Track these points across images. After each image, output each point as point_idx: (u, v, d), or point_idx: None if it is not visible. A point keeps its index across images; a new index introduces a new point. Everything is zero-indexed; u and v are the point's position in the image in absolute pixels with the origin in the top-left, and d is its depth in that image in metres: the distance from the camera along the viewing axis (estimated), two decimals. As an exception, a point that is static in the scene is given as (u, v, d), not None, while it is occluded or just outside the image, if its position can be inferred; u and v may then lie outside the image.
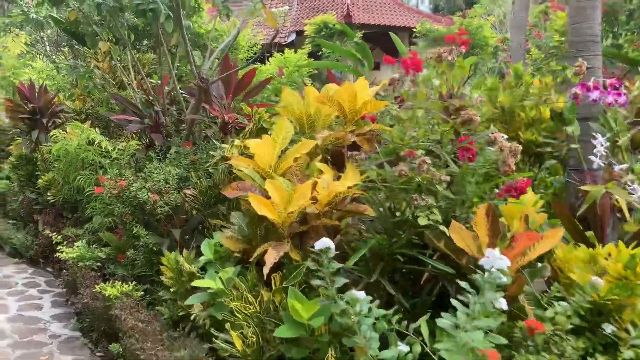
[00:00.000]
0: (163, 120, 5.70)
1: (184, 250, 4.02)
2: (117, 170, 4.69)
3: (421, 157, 2.59)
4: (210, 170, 4.37)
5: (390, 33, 7.61)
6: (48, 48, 9.54)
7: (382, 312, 2.20)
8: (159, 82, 6.04)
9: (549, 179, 4.54)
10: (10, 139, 8.47)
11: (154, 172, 4.55)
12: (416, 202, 2.55)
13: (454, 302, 2.09)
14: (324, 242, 2.28)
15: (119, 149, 5.38)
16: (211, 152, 4.23)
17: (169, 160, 4.96)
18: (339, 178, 2.81)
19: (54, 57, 8.76)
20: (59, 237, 5.91)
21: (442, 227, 2.57)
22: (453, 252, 2.50)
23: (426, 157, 2.63)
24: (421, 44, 16.65)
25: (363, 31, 14.67)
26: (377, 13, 18.68)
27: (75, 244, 5.32)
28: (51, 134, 6.56)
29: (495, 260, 2.08)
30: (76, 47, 8.49)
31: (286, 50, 8.88)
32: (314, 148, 3.23)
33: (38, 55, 11.96)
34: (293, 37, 15.96)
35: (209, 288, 3.09)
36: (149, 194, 4.33)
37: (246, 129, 4.12)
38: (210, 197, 4.32)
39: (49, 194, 6.85)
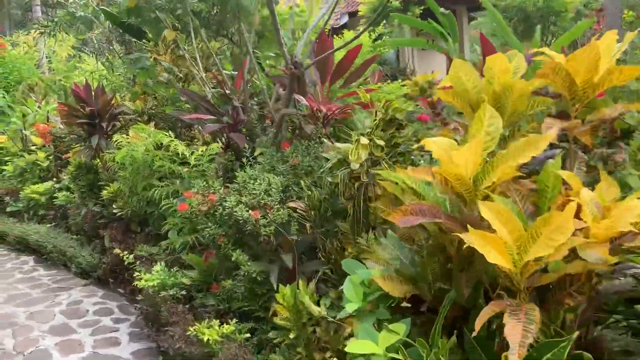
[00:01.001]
0: (244, 117, 4.81)
1: (301, 283, 3.11)
2: (205, 182, 3.81)
3: None
4: (327, 178, 3.44)
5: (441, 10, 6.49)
6: (98, 46, 8.79)
7: None
8: (234, 72, 5.15)
9: None
10: (67, 146, 7.77)
11: (249, 183, 3.65)
12: None
13: None
14: None
15: (198, 154, 4.51)
16: (324, 155, 3.29)
17: (261, 166, 4.06)
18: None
19: (106, 54, 7.99)
20: (131, 256, 5.12)
21: None
22: None
23: None
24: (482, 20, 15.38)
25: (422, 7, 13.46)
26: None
27: (154, 268, 4.50)
28: (113, 139, 5.78)
29: None
30: (129, 41, 7.71)
31: (345, 31, 7.88)
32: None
33: (87, 56, 11.32)
34: (346, 19, 14.87)
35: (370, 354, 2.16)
36: (248, 210, 3.44)
37: (372, 123, 3.16)
38: (324, 211, 3.39)
39: (114, 206, 6.08)
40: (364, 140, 2.96)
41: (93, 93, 6.80)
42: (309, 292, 3.04)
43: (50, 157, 8.68)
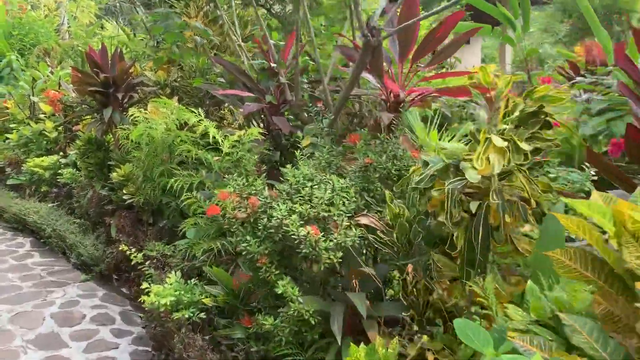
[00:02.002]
0: (291, 97, 3.80)
1: (379, 341, 2.12)
2: (244, 178, 2.81)
3: None
4: (412, 186, 2.42)
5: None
6: (120, 10, 7.80)
7: None
8: (281, 43, 4.13)
9: None
10: (79, 117, 6.81)
11: (305, 184, 2.65)
12: None
13: None
14: None
15: (233, 140, 3.51)
16: (424, 157, 2.28)
17: (316, 161, 3.05)
18: None
19: (128, 19, 7.00)
20: (140, 255, 4.16)
21: None
22: None
23: None
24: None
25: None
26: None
27: (167, 278, 3.53)
28: (129, 113, 4.80)
29: None
30: (155, 4, 6.73)
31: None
32: None
33: (108, 21, 10.35)
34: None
35: None
36: (304, 225, 2.44)
37: (504, 114, 2.14)
38: (413, 236, 2.38)
39: (124, 191, 5.11)
40: (499, 142, 1.95)
41: (110, 59, 5.82)
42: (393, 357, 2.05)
43: (59, 128, 7.73)
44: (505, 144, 1.94)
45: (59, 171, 6.66)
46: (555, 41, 10.82)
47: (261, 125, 4.24)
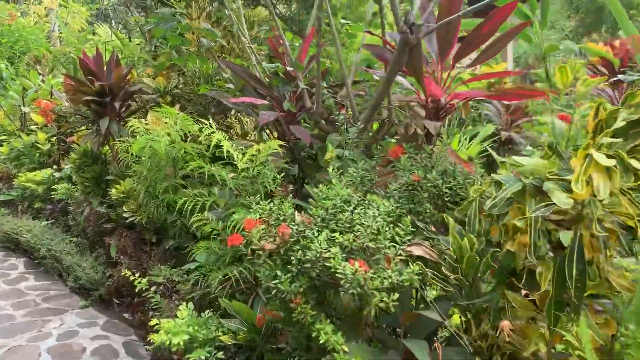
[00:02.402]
0: (309, 104, 3.40)
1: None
2: (272, 203, 2.40)
3: None
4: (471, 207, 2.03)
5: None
6: (113, 13, 7.39)
7: None
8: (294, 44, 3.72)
9: None
10: (73, 127, 6.38)
11: (344, 208, 2.24)
12: None
13: None
14: None
15: (251, 155, 3.09)
16: (495, 177, 1.88)
17: (349, 178, 2.65)
18: None
19: (122, 22, 6.59)
20: (144, 280, 3.75)
21: None
22: None
23: None
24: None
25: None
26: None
27: (178, 313, 3.11)
28: (128, 124, 4.38)
29: None
30: (151, 6, 6.31)
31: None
32: None
33: (100, 26, 9.91)
34: None
35: None
36: (347, 258, 2.04)
37: (609, 127, 1.75)
38: (482, 271, 1.98)
39: (124, 208, 4.69)
40: (604, 160, 1.55)
41: (105, 65, 5.39)
42: None
43: (52, 140, 7.30)
44: (613, 162, 1.55)
45: (53, 186, 6.22)
46: (562, 37, 10.48)
47: (274, 134, 3.84)
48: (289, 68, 3.47)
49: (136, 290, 3.83)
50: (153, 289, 3.81)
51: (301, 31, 5.66)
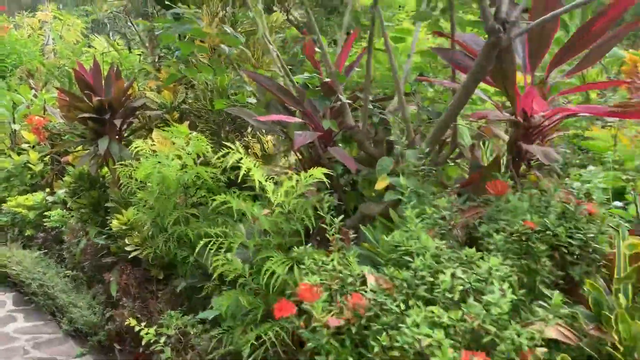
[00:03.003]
0: (351, 121, 2.80)
1: None
2: (333, 260, 1.78)
3: None
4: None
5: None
6: (113, 22, 6.79)
7: None
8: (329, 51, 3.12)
9: None
10: (66, 147, 5.75)
11: (439, 270, 1.63)
12: None
13: None
14: None
15: (290, 186, 2.48)
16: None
17: (423, 223, 2.03)
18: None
19: (123, 31, 6.00)
20: (152, 330, 3.13)
21: None
22: None
23: None
24: None
25: None
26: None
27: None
28: (133, 146, 3.76)
29: None
30: (154, 14, 5.75)
31: None
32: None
33: (96, 38, 9.33)
34: None
35: None
36: (457, 347, 1.43)
37: None
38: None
39: (127, 241, 4.07)
40: None
41: (104, 78, 4.79)
42: None
43: (45, 159, 6.66)
44: None
45: (46, 212, 5.58)
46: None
47: (304, 156, 3.23)
48: (325, 79, 2.87)
49: (142, 339, 3.22)
50: (163, 340, 3.19)
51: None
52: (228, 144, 2.97)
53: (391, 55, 2.58)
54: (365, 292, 1.65)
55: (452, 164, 2.84)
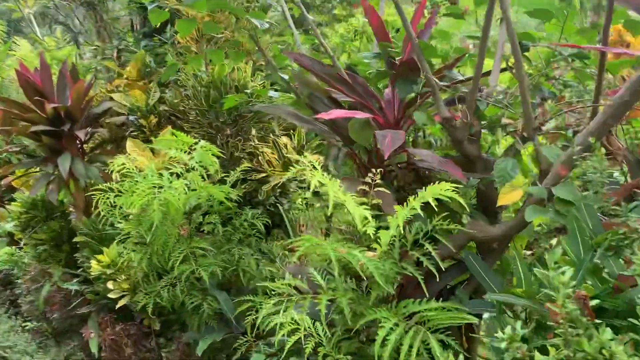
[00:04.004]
0: (446, 113, 2.00)
1: None
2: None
3: None
4: None
5: None
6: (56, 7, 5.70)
7: None
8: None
9: None
10: (11, 169, 4.59)
11: None
12: None
13: None
14: None
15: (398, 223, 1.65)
16: None
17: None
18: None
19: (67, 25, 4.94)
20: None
21: None
22: None
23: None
24: None
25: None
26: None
27: None
28: (115, 163, 2.78)
29: None
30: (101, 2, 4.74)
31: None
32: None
33: (19, 39, 8.02)
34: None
35: None
36: None
37: None
38: None
39: (111, 286, 3.08)
40: None
41: (57, 79, 3.74)
42: None
43: (-20, 184, 5.43)
44: None
45: (-11, 251, 4.44)
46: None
47: (359, 159, 2.40)
48: (399, 57, 2.06)
49: None
50: None
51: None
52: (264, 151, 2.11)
53: (489, 18, 1.78)
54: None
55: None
